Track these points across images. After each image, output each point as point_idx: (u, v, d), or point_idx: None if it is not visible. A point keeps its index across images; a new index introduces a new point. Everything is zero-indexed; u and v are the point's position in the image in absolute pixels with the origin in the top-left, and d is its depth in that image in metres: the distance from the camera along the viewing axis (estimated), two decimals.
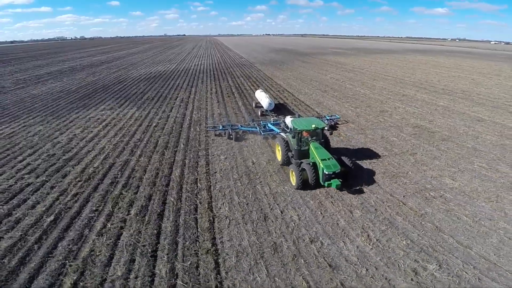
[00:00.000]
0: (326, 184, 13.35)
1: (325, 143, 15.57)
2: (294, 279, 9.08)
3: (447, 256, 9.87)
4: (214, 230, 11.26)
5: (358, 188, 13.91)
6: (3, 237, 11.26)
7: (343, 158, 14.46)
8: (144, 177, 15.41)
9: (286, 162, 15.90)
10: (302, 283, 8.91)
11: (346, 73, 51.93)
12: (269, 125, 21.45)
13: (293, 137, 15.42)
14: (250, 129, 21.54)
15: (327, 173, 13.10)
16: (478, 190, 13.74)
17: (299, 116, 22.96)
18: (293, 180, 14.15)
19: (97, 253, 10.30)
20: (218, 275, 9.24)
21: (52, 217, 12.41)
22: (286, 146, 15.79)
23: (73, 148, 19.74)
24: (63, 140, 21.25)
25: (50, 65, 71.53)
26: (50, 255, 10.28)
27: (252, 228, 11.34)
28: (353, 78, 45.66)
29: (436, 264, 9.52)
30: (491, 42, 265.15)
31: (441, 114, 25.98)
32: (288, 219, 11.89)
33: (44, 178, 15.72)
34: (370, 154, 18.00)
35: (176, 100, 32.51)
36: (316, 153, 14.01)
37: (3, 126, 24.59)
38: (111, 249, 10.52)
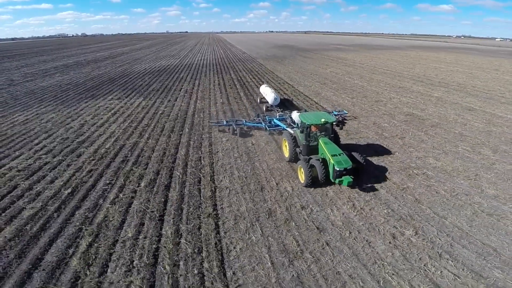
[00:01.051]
0: (337, 181, 12.76)
1: (335, 139, 14.85)
2: (285, 239, 10.37)
3: (423, 224, 10.99)
4: (215, 199, 12.63)
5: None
6: (25, 208, 12.60)
7: (354, 154, 13.75)
8: (153, 156, 16.81)
9: (294, 158, 15.33)
10: (292, 242, 10.19)
11: (346, 67, 52.94)
12: (275, 120, 20.76)
13: (301, 132, 14.73)
14: (255, 124, 20.89)
15: (338, 169, 12.49)
16: (459, 170, 14.93)
17: (306, 110, 22.52)
18: (302, 177, 13.52)
19: (110, 219, 11.62)
20: (217, 235, 10.56)
21: (69, 190, 13.76)
22: (294, 141, 15.16)
23: (85, 132, 21.14)
24: (75, 125, 22.67)
25: (55, 60, 73.01)
26: (68, 222, 11.58)
27: (249, 197, 12.69)
28: (352, 72, 46.70)
29: (413, 231, 10.64)
30: (497, 39, 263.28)
31: (434, 104, 27.09)
32: (283, 189, 13.24)
33: (60, 158, 17.11)
34: (361, 137, 19.27)
35: (180, 91, 33.83)
36: (326, 148, 13.36)
37: (17, 114, 26.03)
38: (123, 215, 11.85)
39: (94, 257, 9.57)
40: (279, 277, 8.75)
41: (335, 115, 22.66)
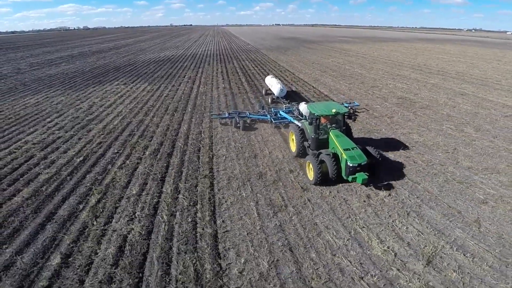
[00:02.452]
0: (350, 178, 11.68)
1: (347, 131, 13.70)
2: (272, 195, 11.69)
3: (396, 188, 12.11)
4: (212, 164, 14.04)
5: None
6: (41, 173, 14.05)
7: (369, 148, 12.67)
8: (157, 131, 18.29)
9: (302, 153, 14.28)
10: (278, 198, 11.51)
11: (348, 57, 53.59)
12: (281, 112, 19.70)
13: (310, 124, 13.44)
14: (260, 117, 19.84)
15: (351, 165, 11.43)
16: (439, 144, 16.01)
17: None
18: (310, 173, 12.51)
19: (117, 180, 13.06)
20: (211, 191, 11.94)
21: (81, 158, 15.25)
22: (302, 134, 14.03)
23: (94, 112, 22.66)
24: (84, 106, 24.21)
25: (59, 51, 74.42)
26: (79, 183, 13.00)
27: (243, 162, 14.08)
28: (354, 62, 47.42)
29: (387, 192, 11.76)
30: (508, 33, 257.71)
31: (428, 89, 27.95)
32: (274, 157, 14.62)
33: (72, 133, 18.63)
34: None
35: (184, 78, 35.17)
36: (338, 142, 12.25)
37: (28, 98, 27.55)
38: (128, 177, 13.30)
39: (101, 211, 10.95)
40: (263, 225, 10.07)
41: (346, 106, 21.14)
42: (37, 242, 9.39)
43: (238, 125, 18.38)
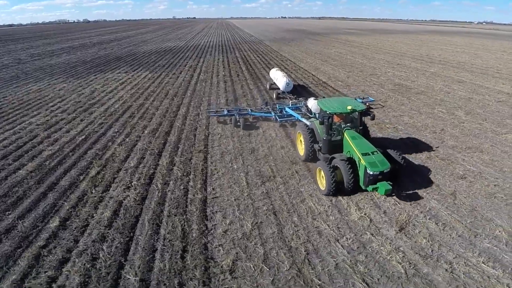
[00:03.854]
0: (370, 188, 9.96)
1: (364, 132, 11.99)
2: (262, 167, 12.35)
3: None
4: (208, 141, 14.82)
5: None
6: (45, 150, 14.76)
7: (390, 151, 10.92)
8: (156, 113, 19.06)
9: (311, 157, 12.53)
10: (268, 170, 12.17)
11: (351, 48, 53.58)
12: (286, 109, 17.91)
13: (321, 124, 11.64)
14: (263, 114, 18.07)
15: (371, 173, 9.72)
16: (427, 126, 16.42)
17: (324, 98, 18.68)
18: (322, 182, 10.80)
19: (117, 155, 13.79)
20: (205, 164, 12.66)
21: (83, 137, 16.02)
22: (311, 136, 12.35)
23: (95, 97, 23.47)
24: (86, 92, 25.03)
25: (60, 43, 74.40)
26: (81, 158, 13.71)
27: (237, 140, 14.85)
28: (356, 52, 47.48)
29: None
30: None
31: (426, 77, 28.15)
32: (268, 135, 15.37)
33: (74, 115, 19.41)
34: None
35: (185, 66, 35.76)
36: (354, 144, 10.57)
37: (30, 85, 28.16)
38: (127, 152, 14.04)
39: (100, 181, 11.70)
40: (251, 192, 10.74)
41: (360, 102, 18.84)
42: (38, 209, 10.11)
43: (238, 123, 16.73)
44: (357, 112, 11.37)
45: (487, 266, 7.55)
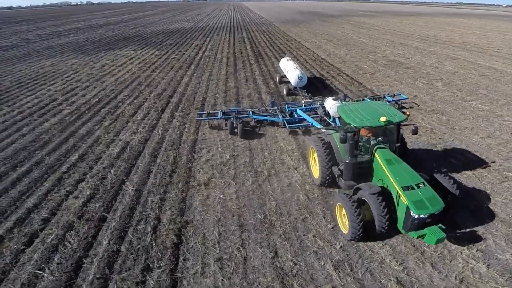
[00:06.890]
0: (414, 235, 6.95)
1: (402, 151, 8.62)
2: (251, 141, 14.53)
3: None
4: (204, 103, 17.13)
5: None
6: (64, 109, 17.20)
7: (437, 176, 7.95)
8: (162, 82, 21.51)
9: (329, 181, 9.33)
10: (257, 145, 14.27)
11: (360, 29, 53.85)
12: (298, 111, 14.42)
13: (343, 141, 7.89)
14: (267, 118, 14.45)
15: (417, 216, 6.75)
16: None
17: (347, 97, 15.77)
18: (343, 222, 7.79)
19: (126, 112, 16.37)
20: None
21: (97, 99, 18.66)
22: (329, 153, 9.01)
23: (106, 69, 26.03)
24: (97, 66, 27.57)
25: (66, 24, 74.34)
26: (96, 114, 16.31)
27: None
28: (363, 33, 47.90)
29: None
30: None
31: (423, 55, 29.06)
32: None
33: (87, 84, 22.01)
34: (338, 72, 22.82)
35: (191, 45, 37.67)
36: (391, 172, 7.46)
37: (43, 61, 30.40)
38: (135, 109, 16.62)
39: (112, 129, 14.31)
40: (234, 137, 13.01)
41: (389, 101, 15.33)
42: (61, 149, 12.67)
43: (235, 130, 13.33)
44: (393, 124, 7.91)
45: None
